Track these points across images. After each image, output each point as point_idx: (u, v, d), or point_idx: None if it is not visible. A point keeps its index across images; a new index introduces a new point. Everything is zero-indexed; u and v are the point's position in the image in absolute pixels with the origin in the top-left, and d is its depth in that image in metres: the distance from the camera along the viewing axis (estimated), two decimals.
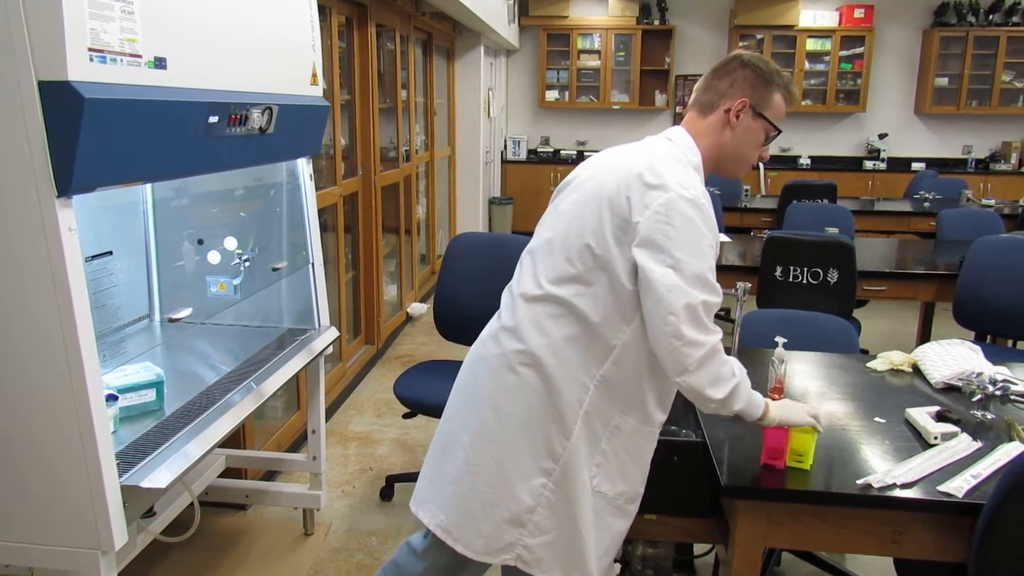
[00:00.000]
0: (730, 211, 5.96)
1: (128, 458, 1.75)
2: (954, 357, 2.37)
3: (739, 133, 1.66)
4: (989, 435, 1.96)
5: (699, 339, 1.51)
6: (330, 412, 3.97)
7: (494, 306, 1.79)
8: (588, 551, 1.65)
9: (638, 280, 1.54)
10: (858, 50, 8.41)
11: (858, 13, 8.34)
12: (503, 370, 1.66)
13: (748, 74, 1.66)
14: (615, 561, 2.17)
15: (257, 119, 2.07)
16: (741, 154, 1.69)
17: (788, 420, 1.72)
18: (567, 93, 8.86)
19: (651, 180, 1.54)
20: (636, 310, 1.57)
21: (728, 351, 2.28)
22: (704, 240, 1.53)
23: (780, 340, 2.15)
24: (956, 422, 1.98)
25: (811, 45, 8.44)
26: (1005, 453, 1.83)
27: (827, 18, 8.41)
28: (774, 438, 1.76)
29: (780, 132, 1.68)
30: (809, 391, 2.27)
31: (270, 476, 3.26)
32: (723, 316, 5.78)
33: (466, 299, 3.03)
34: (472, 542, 1.67)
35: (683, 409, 2.22)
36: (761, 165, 8.29)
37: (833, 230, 4.25)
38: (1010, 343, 4.15)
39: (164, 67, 1.68)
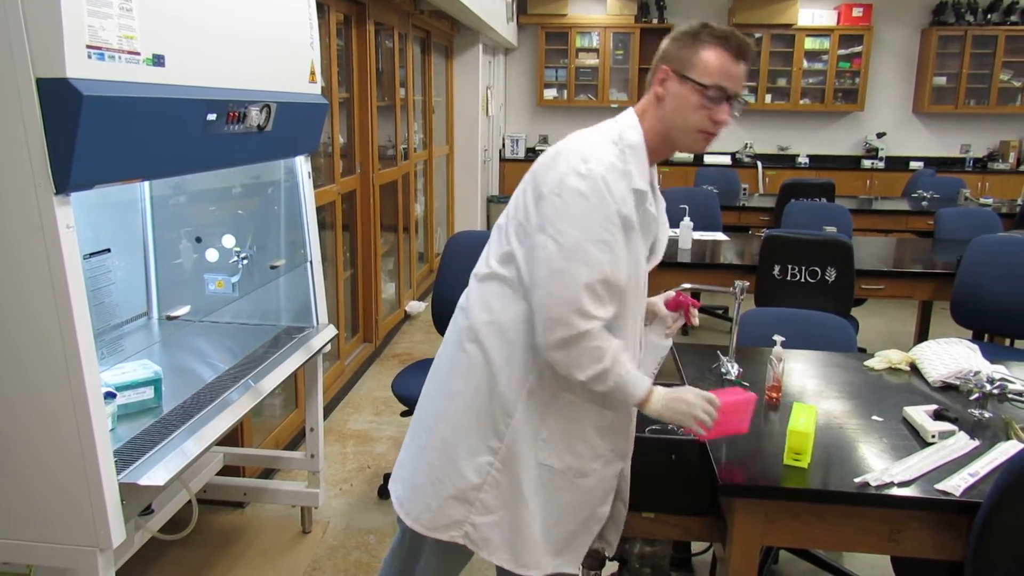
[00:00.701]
0: (728, 209, 5.96)
1: (126, 456, 1.75)
2: (952, 356, 2.37)
3: (671, 103, 1.59)
4: (986, 434, 1.96)
5: (567, 319, 1.48)
6: (328, 410, 3.97)
7: None
8: (535, 534, 1.65)
9: None
10: (856, 49, 8.42)
11: (856, 12, 8.35)
12: (455, 347, 1.69)
13: (672, 43, 1.60)
14: (612, 559, 2.18)
15: (255, 117, 2.07)
16: (682, 124, 1.60)
17: (666, 418, 1.62)
18: (565, 91, 8.86)
19: (561, 157, 1.54)
20: None
21: (726, 350, 2.30)
22: (593, 213, 1.49)
23: (778, 339, 2.15)
24: (954, 420, 1.99)
25: (809, 44, 8.45)
26: (1002, 452, 1.84)
27: (825, 17, 8.41)
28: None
29: (721, 90, 1.54)
30: (807, 389, 2.27)
31: (268, 474, 3.26)
32: (721, 315, 5.79)
33: None
34: (420, 516, 1.69)
35: None
36: (759, 164, 8.30)
37: (831, 229, 4.25)
38: (1008, 342, 4.16)
39: (162, 64, 1.68)
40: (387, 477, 3.22)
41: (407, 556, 1.81)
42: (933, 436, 1.91)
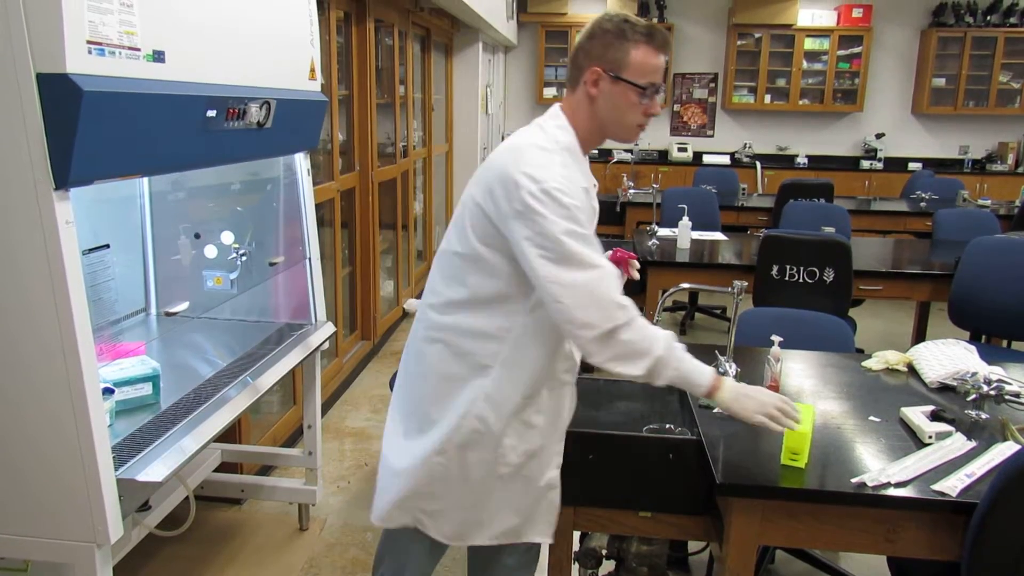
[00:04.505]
0: (727, 209, 5.97)
1: (124, 452, 1.75)
2: (949, 357, 2.38)
3: (605, 102, 1.63)
4: (983, 435, 1.96)
5: (587, 320, 1.52)
6: (326, 407, 3.97)
7: None
8: (487, 520, 1.73)
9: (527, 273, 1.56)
10: (856, 50, 8.42)
11: (856, 13, 8.35)
12: (416, 345, 1.76)
13: (596, 42, 1.62)
14: (609, 559, 2.18)
15: (255, 113, 2.06)
16: (618, 121, 1.65)
17: (735, 412, 1.66)
18: (565, 90, 8.83)
19: (512, 176, 1.54)
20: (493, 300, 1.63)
21: (724, 350, 2.30)
22: (563, 224, 1.51)
23: (776, 339, 2.16)
24: (951, 421, 1.99)
25: (809, 44, 8.45)
26: (999, 453, 1.84)
27: (825, 17, 8.42)
28: None
29: (654, 86, 1.61)
30: (804, 390, 2.27)
31: (266, 471, 3.26)
32: (719, 315, 5.79)
33: None
34: (379, 509, 1.78)
35: (678, 407, 2.23)
36: (758, 164, 8.31)
37: (829, 229, 4.25)
38: (1005, 343, 4.17)
39: (163, 60, 1.68)
40: None
41: (395, 542, 1.86)
42: (930, 437, 1.91)
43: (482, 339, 1.64)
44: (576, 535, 2.10)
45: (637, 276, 1.85)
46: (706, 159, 8.69)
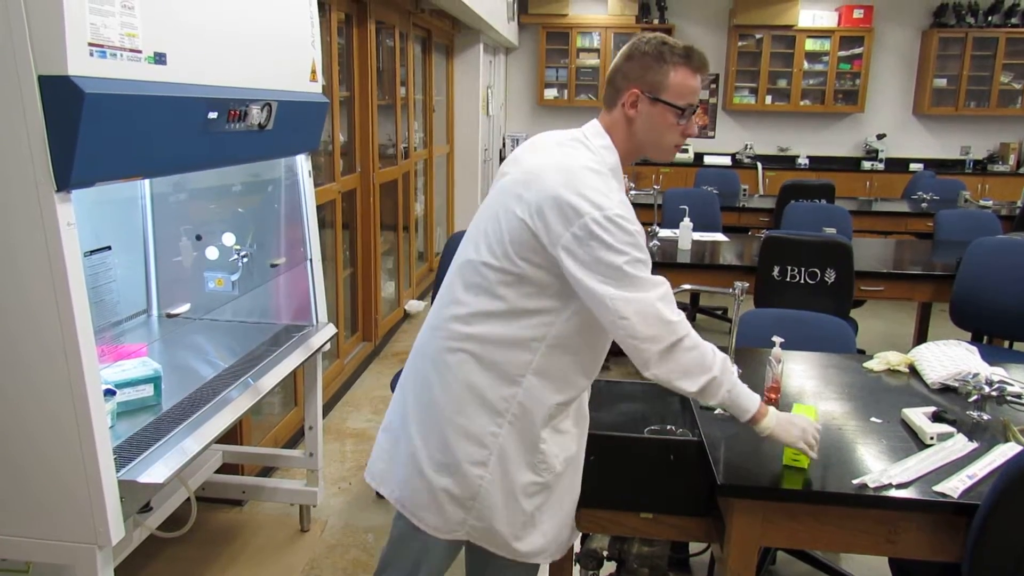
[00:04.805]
0: (728, 210, 5.97)
1: (125, 453, 1.75)
2: (951, 358, 2.37)
3: (644, 123, 1.63)
4: (985, 436, 1.96)
5: (653, 334, 1.54)
6: (327, 409, 3.97)
7: None
8: (535, 529, 1.71)
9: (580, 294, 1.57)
10: (857, 50, 8.42)
11: (857, 14, 8.35)
12: (435, 356, 1.71)
13: (635, 64, 1.64)
14: (610, 560, 2.18)
15: (256, 115, 2.07)
16: (656, 142, 1.66)
17: (779, 437, 1.71)
18: (566, 91, 8.86)
19: (569, 201, 1.53)
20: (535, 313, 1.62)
21: (724, 350, 2.30)
22: (628, 252, 1.53)
23: (777, 340, 2.15)
24: (952, 422, 1.99)
25: (810, 45, 8.45)
26: (1001, 454, 1.84)
27: (826, 18, 8.42)
28: None
29: (692, 107, 1.63)
30: (806, 391, 2.27)
31: (267, 472, 3.26)
32: (720, 315, 5.79)
33: None
34: (424, 518, 1.73)
35: (679, 408, 2.23)
36: (759, 165, 8.31)
37: (831, 230, 4.25)
38: (1007, 344, 4.17)
39: (164, 63, 1.68)
40: None
41: (406, 550, 1.82)
42: (932, 438, 1.91)
43: (514, 349, 1.62)
44: (577, 536, 2.09)
45: None
46: (707, 160, 8.69)
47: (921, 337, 4.72)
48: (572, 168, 1.59)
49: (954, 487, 1.70)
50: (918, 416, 2.01)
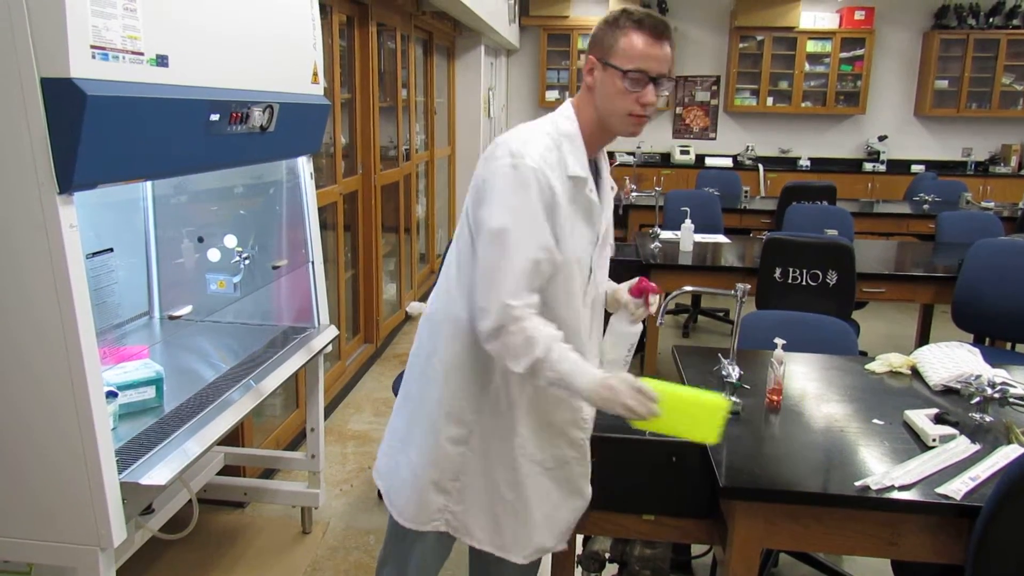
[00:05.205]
0: (729, 212, 5.97)
1: (127, 455, 1.75)
2: (953, 359, 2.37)
3: (599, 90, 1.61)
4: (987, 438, 1.96)
5: (487, 306, 1.52)
6: (329, 410, 3.97)
7: None
8: (513, 521, 1.71)
9: None
10: (858, 52, 8.42)
11: (858, 15, 8.35)
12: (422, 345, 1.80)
13: (596, 32, 1.63)
14: (612, 562, 2.18)
15: (258, 117, 2.07)
16: (611, 109, 1.61)
17: (598, 406, 1.57)
18: (567, 93, 8.85)
19: (497, 150, 1.58)
20: None
21: (727, 352, 2.30)
22: (521, 203, 1.52)
23: (779, 342, 2.15)
24: (955, 424, 1.99)
25: (811, 47, 8.45)
26: (1003, 456, 1.84)
27: (827, 20, 8.42)
28: None
29: (641, 72, 1.55)
30: (808, 393, 2.27)
31: (268, 474, 3.26)
32: (722, 317, 5.79)
33: None
34: (404, 509, 1.76)
35: None
36: (761, 167, 8.31)
37: (832, 232, 4.25)
38: (1009, 345, 4.16)
39: (166, 65, 1.68)
40: None
41: (398, 545, 1.86)
42: (934, 440, 1.91)
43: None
44: (579, 538, 2.09)
45: (652, 311, 1.79)
46: (708, 162, 8.70)
47: (923, 339, 4.71)
48: (521, 127, 1.63)
49: (957, 489, 1.69)
50: (920, 418, 2.01)
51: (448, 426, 1.69)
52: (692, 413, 1.56)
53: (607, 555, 2.19)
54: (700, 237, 4.64)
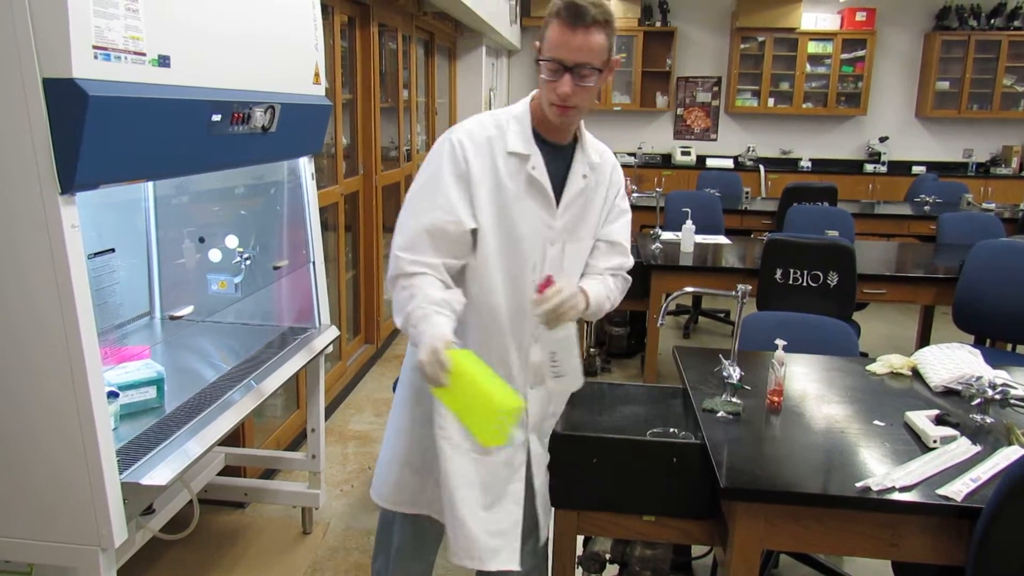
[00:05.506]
0: (730, 213, 5.96)
1: (128, 455, 1.75)
2: (954, 361, 2.37)
3: (541, 79, 1.63)
4: (988, 439, 1.96)
5: (393, 260, 1.63)
6: (329, 411, 3.98)
7: None
8: (457, 514, 1.72)
9: None
10: (859, 53, 8.42)
11: (860, 16, 8.35)
12: None
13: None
14: (613, 563, 2.18)
15: (260, 118, 2.07)
16: (543, 98, 1.64)
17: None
18: None
19: None
20: None
21: (728, 353, 2.30)
22: (436, 170, 1.64)
23: (780, 343, 2.15)
24: (955, 426, 1.99)
25: (812, 48, 8.45)
26: (1004, 457, 1.84)
27: (828, 21, 8.42)
28: None
29: (553, 62, 1.55)
30: (808, 394, 2.27)
31: (269, 474, 3.26)
32: (723, 318, 5.79)
33: None
34: (381, 490, 1.87)
35: (682, 411, 2.23)
36: (762, 168, 8.31)
37: (833, 233, 4.25)
38: (1010, 347, 4.16)
39: (168, 65, 1.69)
40: None
41: (383, 531, 1.91)
42: (935, 441, 1.91)
43: None
44: (580, 539, 2.09)
45: (548, 307, 1.58)
46: (709, 163, 8.70)
47: (924, 340, 4.71)
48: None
49: (957, 490, 1.69)
50: (921, 419, 2.01)
51: (415, 405, 1.78)
52: (480, 404, 1.46)
53: (608, 556, 2.19)
54: (701, 238, 4.64)
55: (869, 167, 8.61)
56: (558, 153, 1.70)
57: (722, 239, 4.87)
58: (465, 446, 1.71)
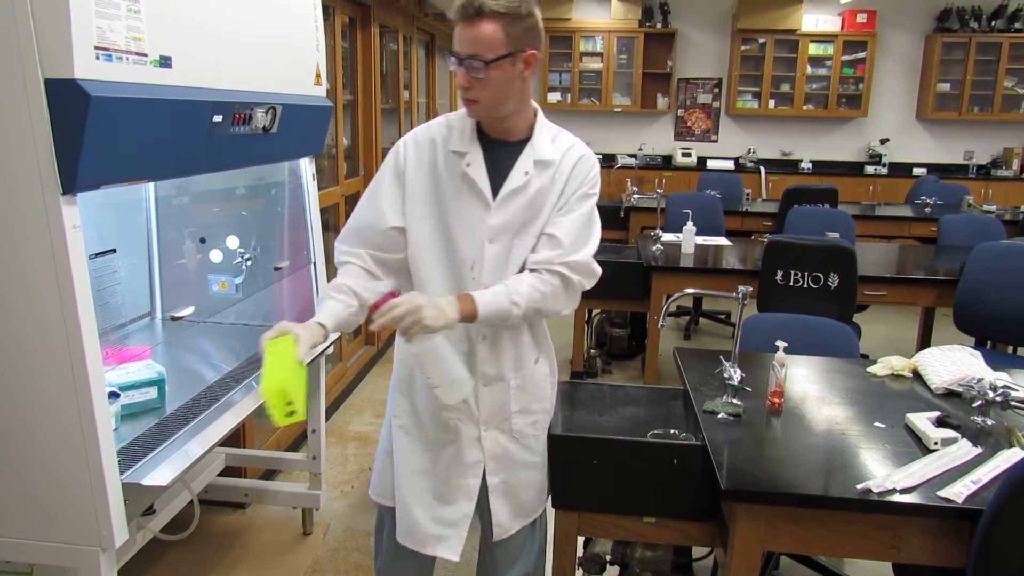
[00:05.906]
0: (731, 215, 5.96)
1: (129, 456, 1.75)
2: (954, 362, 2.37)
3: None
4: (989, 441, 1.96)
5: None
6: (330, 412, 3.98)
7: None
8: (410, 507, 1.81)
9: None
10: (860, 55, 8.42)
11: (860, 18, 8.34)
12: None
13: None
14: (613, 564, 2.18)
15: (261, 119, 2.07)
16: None
17: None
18: (569, 95, 8.86)
19: None
20: None
21: (728, 355, 2.30)
22: (381, 170, 1.76)
23: (780, 344, 2.15)
24: (956, 427, 1.99)
25: (813, 49, 8.45)
26: (1005, 459, 1.83)
27: (829, 23, 8.42)
28: None
29: (450, 54, 1.60)
30: (809, 395, 2.27)
31: (269, 475, 3.26)
32: (724, 320, 5.79)
33: None
34: (372, 481, 1.94)
35: (683, 412, 2.23)
36: (762, 169, 8.30)
37: (834, 235, 4.25)
38: (1010, 349, 4.16)
39: (169, 66, 1.69)
40: None
41: (378, 525, 1.94)
42: (935, 443, 1.91)
43: None
44: (580, 540, 2.09)
45: (372, 327, 1.64)
46: (710, 164, 8.70)
47: (925, 342, 4.71)
48: None
49: (958, 492, 1.69)
50: (922, 421, 2.00)
51: (397, 394, 1.85)
52: (266, 385, 1.51)
53: (608, 557, 2.19)
54: (701, 239, 4.64)
55: (870, 169, 8.61)
56: (505, 151, 1.69)
57: (723, 240, 4.87)
58: (419, 435, 1.80)
